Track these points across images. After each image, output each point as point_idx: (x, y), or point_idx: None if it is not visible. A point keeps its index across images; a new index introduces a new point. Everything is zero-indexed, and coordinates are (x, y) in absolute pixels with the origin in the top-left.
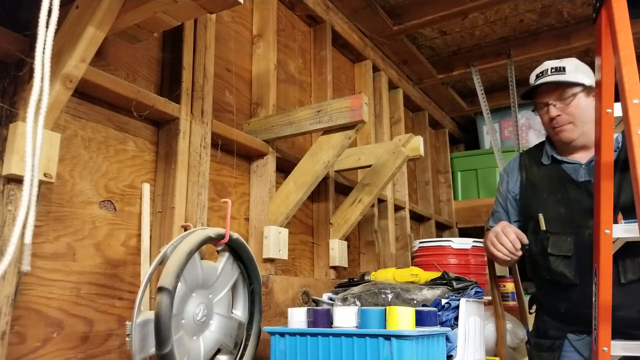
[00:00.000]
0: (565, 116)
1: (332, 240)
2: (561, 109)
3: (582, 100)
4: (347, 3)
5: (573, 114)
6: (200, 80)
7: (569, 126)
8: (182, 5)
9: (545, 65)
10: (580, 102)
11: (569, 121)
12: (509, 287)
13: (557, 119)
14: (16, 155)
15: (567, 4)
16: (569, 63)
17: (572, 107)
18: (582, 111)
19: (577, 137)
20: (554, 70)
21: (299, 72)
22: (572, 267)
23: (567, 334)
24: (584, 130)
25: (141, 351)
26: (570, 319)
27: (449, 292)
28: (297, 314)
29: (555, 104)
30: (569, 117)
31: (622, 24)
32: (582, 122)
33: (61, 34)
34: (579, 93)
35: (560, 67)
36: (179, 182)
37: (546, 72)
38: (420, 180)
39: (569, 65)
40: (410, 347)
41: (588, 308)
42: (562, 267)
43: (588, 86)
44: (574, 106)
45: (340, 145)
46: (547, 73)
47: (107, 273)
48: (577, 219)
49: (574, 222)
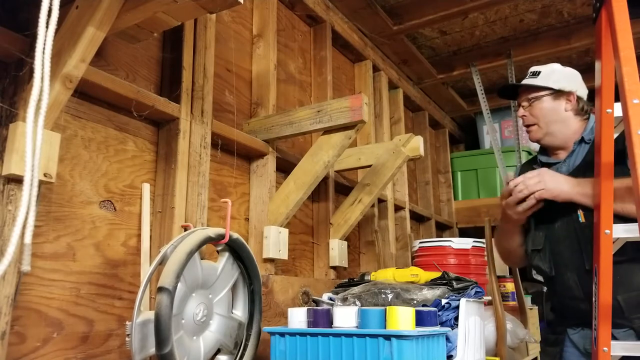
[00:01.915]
0: (530, 117)
1: (332, 240)
2: (528, 109)
3: (547, 103)
4: (347, 3)
5: (537, 115)
6: (200, 80)
7: (534, 127)
8: (182, 5)
9: (532, 68)
10: (545, 104)
11: (534, 122)
12: (509, 287)
13: (524, 119)
14: (16, 155)
15: (567, 4)
16: (545, 68)
17: (536, 109)
18: (546, 113)
19: (542, 137)
20: (531, 74)
21: (299, 72)
22: (546, 259)
23: (567, 329)
24: (549, 130)
25: (141, 351)
26: (563, 312)
27: (449, 292)
28: (297, 314)
29: (524, 105)
30: (533, 118)
31: (622, 24)
32: (545, 123)
33: (61, 34)
34: (545, 96)
35: (537, 72)
36: (179, 182)
37: (527, 75)
38: (420, 180)
39: (544, 70)
40: (410, 347)
41: (572, 300)
42: (537, 261)
43: (556, 90)
44: (538, 108)
45: (340, 145)
46: (527, 77)
47: (107, 273)
48: (551, 213)
49: (547, 216)
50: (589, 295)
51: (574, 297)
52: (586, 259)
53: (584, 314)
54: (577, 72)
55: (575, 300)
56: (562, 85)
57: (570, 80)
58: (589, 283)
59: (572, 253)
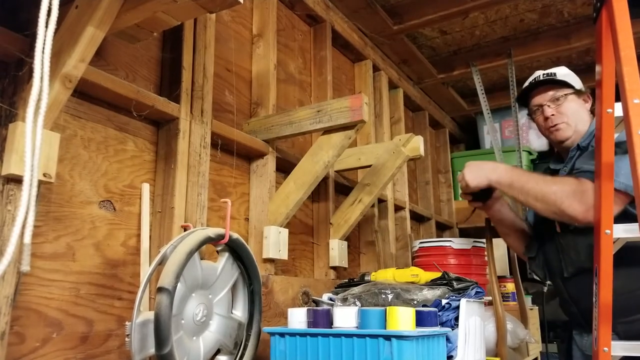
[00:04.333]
0: (558, 115)
1: (332, 240)
2: (555, 108)
3: (574, 102)
4: (347, 3)
5: (566, 113)
6: (200, 80)
7: (563, 125)
8: (181, 5)
9: (537, 72)
10: (573, 103)
11: (563, 120)
12: (510, 287)
13: (551, 118)
14: (15, 155)
15: (567, 4)
16: (558, 70)
17: (565, 107)
18: (575, 111)
19: (571, 135)
20: (545, 76)
21: (299, 72)
22: (540, 266)
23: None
24: (577, 128)
25: (141, 351)
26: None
27: (449, 293)
28: (297, 314)
29: (549, 104)
30: (562, 117)
31: (623, 23)
32: (574, 121)
33: (61, 34)
34: (570, 95)
35: (551, 73)
36: (178, 182)
37: (538, 77)
38: (421, 180)
39: (559, 71)
40: (410, 347)
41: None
42: (533, 267)
43: (578, 89)
44: (566, 106)
45: (340, 145)
46: (539, 79)
47: (107, 273)
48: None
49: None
50: (575, 299)
51: (566, 300)
52: (564, 267)
53: (575, 316)
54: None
55: (567, 303)
56: (580, 85)
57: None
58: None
59: (556, 261)
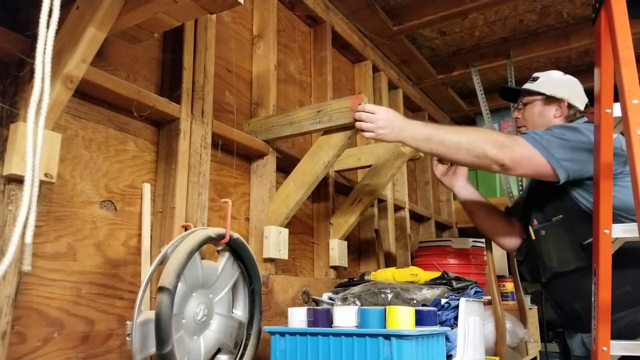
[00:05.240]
0: (521, 119)
1: (332, 240)
2: (521, 112)
3: (538, 108)
4: (347, 3)
5: (526, 119)
6: (200, 81)
7: (523, 129)
8: (182, 5)
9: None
10: (535, 109)
11: (523, 124)
12: (509, 287)
13: (517, 120)
14: (17, 156)
15: (566, 4)
16: (544, 75)
17: (528, 112)
18: (535, 117)
19: None
20: (531, 79)
21: (299, 72)
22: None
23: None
24: None
25: (141, 351)
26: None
27: (448, 292)
28: (297, 314)
29: (520, 108)
30: (523, 121)
31: (622, 24)
32: (532, 126)
33: (62, 35)
34: (537, 101)
35: (536, 77)
36: (179, 182)
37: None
38: (420, 180)
39: (542, 76)
40: (410, 346)
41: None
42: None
43: (548, 96)
44: (529, 112)
45: (340, 146)
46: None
47: (108, 273)
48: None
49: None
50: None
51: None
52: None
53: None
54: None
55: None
56: (555, 92)
57: (566, 88)
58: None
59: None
